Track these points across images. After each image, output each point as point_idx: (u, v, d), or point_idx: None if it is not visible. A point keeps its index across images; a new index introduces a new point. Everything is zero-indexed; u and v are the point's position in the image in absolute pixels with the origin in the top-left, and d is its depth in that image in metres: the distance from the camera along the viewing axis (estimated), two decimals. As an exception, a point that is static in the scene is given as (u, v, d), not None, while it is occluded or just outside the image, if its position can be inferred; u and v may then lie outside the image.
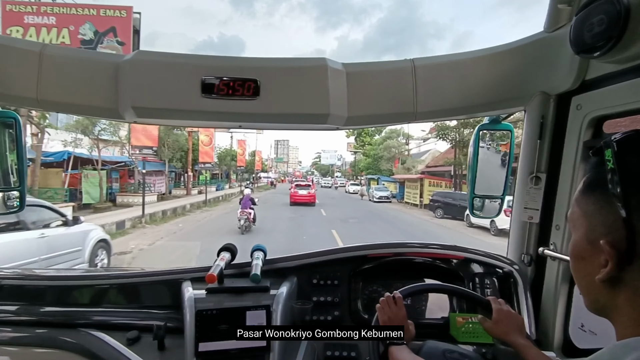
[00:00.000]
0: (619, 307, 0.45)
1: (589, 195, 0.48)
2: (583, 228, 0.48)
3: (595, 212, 0.46)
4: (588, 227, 0.47)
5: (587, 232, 0.47)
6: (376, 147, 35.71)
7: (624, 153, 0.42)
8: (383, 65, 1.16)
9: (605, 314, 0.48)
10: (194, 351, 1.01)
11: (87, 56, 1.11)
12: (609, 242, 0.43)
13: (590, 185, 0.48)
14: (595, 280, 0.45)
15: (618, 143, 0.43)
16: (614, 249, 0.42)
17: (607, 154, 0.43)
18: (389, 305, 0.98)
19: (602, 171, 0.44)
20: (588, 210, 0.47)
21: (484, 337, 1.11)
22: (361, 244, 1.41)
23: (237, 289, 1.13)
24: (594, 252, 0.46)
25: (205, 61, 1.07)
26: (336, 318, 1.29)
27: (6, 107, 1.21)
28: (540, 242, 1.21)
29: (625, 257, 0.42)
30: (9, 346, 1.15)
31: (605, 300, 0.46)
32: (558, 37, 1.03)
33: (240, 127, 1.26)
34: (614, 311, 0.46)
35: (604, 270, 0.44)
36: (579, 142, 1.04)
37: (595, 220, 0.46)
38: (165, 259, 7.45)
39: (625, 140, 0.43)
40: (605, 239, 0.43)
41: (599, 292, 0.47)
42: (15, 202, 1.23)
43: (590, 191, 0.47)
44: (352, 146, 53.72)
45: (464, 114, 1.22)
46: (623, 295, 0.44)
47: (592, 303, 0.49)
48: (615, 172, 0.42)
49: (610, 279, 0.44)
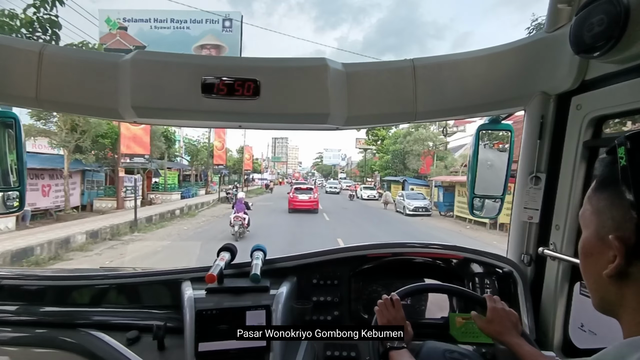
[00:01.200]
0: (626, 303, 0.45)
1: (601, 192, 0.48)
2: (593, 225, 0.49)
3: (605, 209, 0.47)
4: (598, 224, 0.48)
5: (597, 229, 0.48)
6: (400, 141, 26.51)
7: (636, 150, 0.43)
8: (383, 65, 1.17)
9: (612, 312, 0.48)
10: (194, 351, 1.01)
11: (87, 56, 1.11)
12: (618, 237, 0.44)
13: (602, 183, 0.48)
14: (603, 276, 0.46)
15: (631, 141, 0.44)
16: (623, 243, 0.43)
17: (620, 151, 0.44)
18: (387, 307, 0.99)
19: (614, 169, 0.45)
20: (599, 208, 0.48)
21: (484, 337, 1.10)
22: (361, 244, 1.41)
23: (237, 289, 1.13)
24: (603, 248, 0.46)
25: (206, 61, 1.07)
26: (336, 318, 1.29)
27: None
28: (540, 242, 1.21)
29: (633, 251, 0.43)
30: (9, 346, 1.15)
31: (613, 297, 0.47)
32: (558, 37, 1.03)
33: (240, 127, 1.26)
34: (621, 309, 0.46)
35: (612, 265, 0.44)
36: (579, 142, 1.04)
37: (606, 216, 0.47)
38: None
39: (638, 137, 0.44)
40: (615, 233, 0.44)
41: (607, 289, 0.47)
42: (15, 202, 1.23)
43: (603, 188, 0.48)
44: (363, 142, 44.02)
45: (464, 114, 1.22)
46: (631, 291, 0.45)
47: (600, 301, 0.50)
48: (627, 168, 0.43)
49: (619, 274, 0.44)
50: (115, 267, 6.06)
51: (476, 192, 1.30)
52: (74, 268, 5.01)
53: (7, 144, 1.20)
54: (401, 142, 26.38)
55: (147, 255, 8.40)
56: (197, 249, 8.59)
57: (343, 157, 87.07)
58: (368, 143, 40.76)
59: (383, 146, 32.75)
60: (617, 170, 0.44)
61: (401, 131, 27.04)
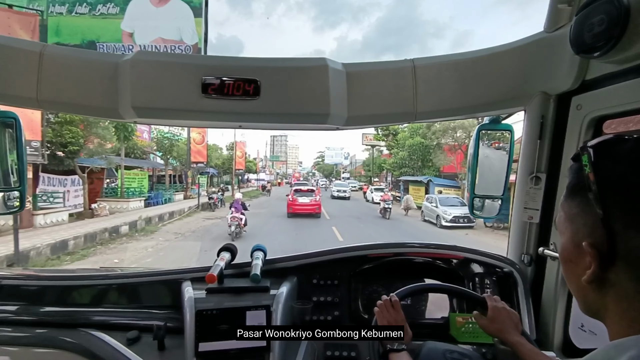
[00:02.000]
0: (609, 308, 0.45)
1: (572, 199, 0.49)
2: (568, 232, 0.49)
3: (578, 216, 0.47)
4: (573, 231, 0.48)
5: (572, 236, 0.48)
6: (422, 133, 22.08)
7: (599, 159, 0.44)
8: (383, 65, 1.17)
9: (597, 315, 0.48)
10: (194, 351, 1.01)
11: (87, 56, 1.11)
12: (590, 243, 0.44)
13: (572, 190, 0.49)
14: (583, 282, 0.46)
15: (594, 149, 0.45)
16: (596, 250, 0.44)
17: (584, 159, 0.45)
18: (387, 308, 0.99)
19: (582, 176, 0.46)
20: (572, 214, 0.48)
21: (484, 337, 1.11)
22: (361, 244, 1.41)
23: (237, 289, 1.13)
24: (579, 254, 0.47)
25: (206, 61, 1.07)
26: (336, 318, 1.29)
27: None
28: (540, 242, 1.21)
29: (607, 257, 0.43)
30: (9, 346, 1.15)
31: (595, 302, 0.47)
32: (558, 37, 1.03)
33: (241, 127, 1.26)
34: (604, 312, 0.46)
35: (589, 272, 0.45)
36: (579, 142, 1.04)
37: (579, 223, 0.47)
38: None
39: (600, 145, 0.45)
40: (588, 240, 0.45)
41: (588, 295, 0.48)
42: (15, 202, 1.23)
43: (573, 195, 0.49)
44: (372, 138, 37.41)
45: (464, 114, 1.23)
46: (610, 297, 0.45)
47: (584, 305, 0.50)
48: (591, 177, 0.44)
49: (597, 280, 0.45)
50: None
51: (476, 192, 1.30)
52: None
53: (7, 144, 1.20)
54: (424, 134, 21.88)
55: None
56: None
57: (346, 155, 76.73)
58: (377, 138, 34.59)
59: (396, 141, 27.23)
60: (584, 178, 0.45)
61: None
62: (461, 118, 1.30)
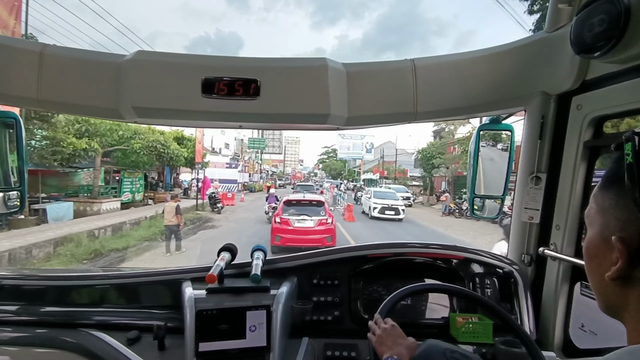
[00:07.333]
0: (631, 308, 0.44)
1: (606, 190, 0.46)
2: (598, 225, 0.47)
3: (610, 208, 0.45)
4: (603, 224, 0.46)
5: (601, 229, 0.46)
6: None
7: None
8: (383, 65, 1.17)
9: (617, 315, 0.47)
10: (194, 351, 1.01)
11: (87, 56, 1.11)
12: (621, 238, 0.42)
13: (608, 180, 0.47)
14: (606, 278, 0.44)
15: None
16: (626, 246, 0.41)
17: (627, 147, 0.41)
18: (380, 330, 0.87)
19: (621, 166, 0.42)
20: (604, 206, 0.46)
21: (484, 337, 1.11)
22: (361, 244, 1.41)
23: (237, 289, 1.13)
24: (606, 249, 0.45)
25: (206, 61, 1.07)
26: (336, 318, 1.29)
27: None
28: (541, 242, 1.21)
29: (636, 254, 0.41)
30: (9, 346, 1.15)
31: (616, 300, 0.45)
32: (558, 37, 1.03)
33: (241, 127, 1.27)
34: (625, 312, 0.45)
35: (614, 268, 0.43)
36: (579, 142, 1.04)
37: (610, 216, 0.45)
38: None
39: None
40: (618, 235, 0.42)
41: (609, 292, 0.46)
42: (15, 202, 1.23)
43: (608, 186, 0.46)
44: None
45: (464, 114, 1.22)
46: (634, 296, 0.43)
47: (604, 303, 0.48)
48: (632, 166, 0.40)
49: (622, 278, 0.43)
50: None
51: (476, 192, 1.31)
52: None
53: (8, 144, 1.20)
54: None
55: None
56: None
57: (369, 147, 45.74)
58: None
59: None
60: (624, 168, 0.42)
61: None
62: (461, 118, 1.30)
